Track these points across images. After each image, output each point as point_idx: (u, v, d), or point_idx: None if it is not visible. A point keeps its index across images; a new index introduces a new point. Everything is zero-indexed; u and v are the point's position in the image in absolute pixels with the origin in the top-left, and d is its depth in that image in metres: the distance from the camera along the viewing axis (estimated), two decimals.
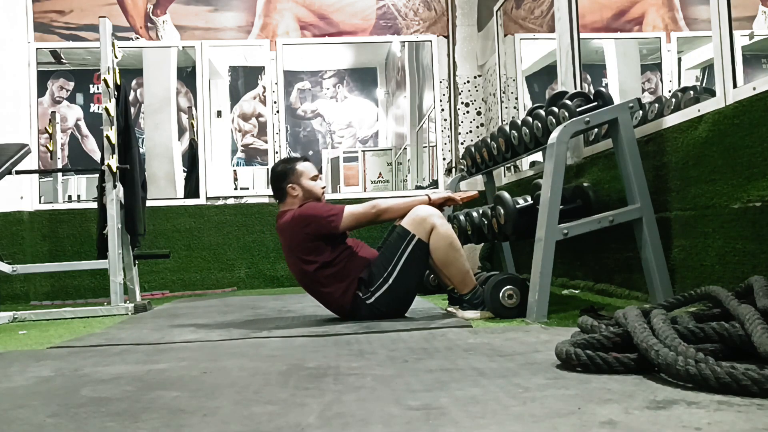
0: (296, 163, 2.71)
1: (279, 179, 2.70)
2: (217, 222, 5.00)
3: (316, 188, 2.70)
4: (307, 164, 2.73)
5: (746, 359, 1.29)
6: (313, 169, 2.74)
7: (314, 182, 2.70)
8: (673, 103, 2.78)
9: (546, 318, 2.39)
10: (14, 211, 4.79)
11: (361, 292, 2.56)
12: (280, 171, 2.72)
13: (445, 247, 2.55)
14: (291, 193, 2.68)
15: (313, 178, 2.70)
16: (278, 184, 2.71)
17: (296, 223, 2.58)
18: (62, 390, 1.50)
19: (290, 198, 2.68)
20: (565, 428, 1.00)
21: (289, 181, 2.68)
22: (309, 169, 2.72)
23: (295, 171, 2.69)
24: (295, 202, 2.67)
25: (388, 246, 2.59)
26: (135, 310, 3.46)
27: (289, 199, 2.69)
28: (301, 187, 2.67)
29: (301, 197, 2.67)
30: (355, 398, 1.27)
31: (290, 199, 2.68)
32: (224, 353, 1.94)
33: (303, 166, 2.71)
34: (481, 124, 5.26)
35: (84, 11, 5.11)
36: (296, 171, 2.69)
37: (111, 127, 3.60)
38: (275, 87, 5.21)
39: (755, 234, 2.00)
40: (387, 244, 2.61)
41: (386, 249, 2.59)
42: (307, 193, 2.68)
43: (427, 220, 2.55)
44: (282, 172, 2.71)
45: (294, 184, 2.67)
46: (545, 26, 4.23)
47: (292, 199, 2.68)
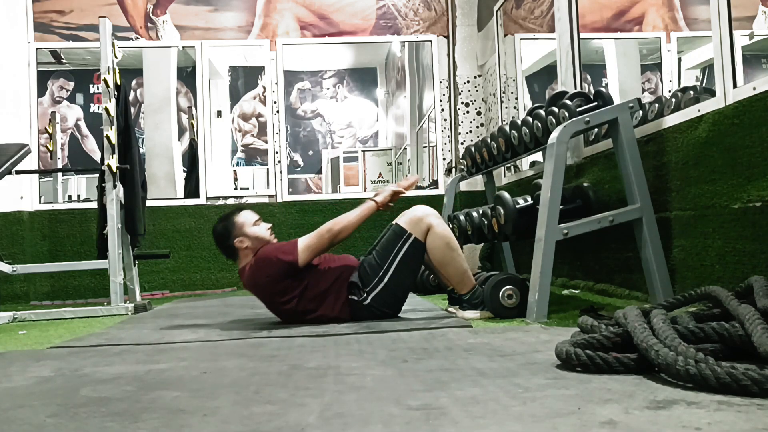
0: (234, 217, 2.65)
1: (223, 238, 2.63)
2: None
3: (262, 232, 2.63)
4: (244, 213, 2.67)
5: (746, 359, 1.29)
6: (252, 215, 2.67)
7: (258, 227, 2.64)
8: (673, 103, 2.78)
9: (546, 318, 2.39)
10: (14, 211, 4.79)
11: (356, 296, 2.54)
12: (221, 230, 2.64)
13: (442, 247, 2.55)
14: (241, 247, 2.60)
15: (255, 224, 2.64)
16: (225, 243, 2.63)
17: (258, 273, 2.53)
18: (62, 390, 1.49)
19: (242, 252, 2.61)
20: (565, 428, 1.00)
21: (234, 236, 2.60)
22: (248, 216, 2.65)
23: (235, 224, 2.62)
24: (248, 253, 2.61)
25: (383, 244, 2.59)
26: (135, 310, 3.46)
27: (242, 253, 2.62)
28: (248, 237, 2.60)
29: (252, 246, 2.60)
30: (355, 398, 1.27)
31: (243, 253, 2.61)
32: (224, 353, 1.94)
33: (241, 216, 2.64)
34: (481, 124, 5.26)
35: (84, 11, 5.11)
36: (236, 224, 2.62)
37: (111, 127, 3.60)
38: (275, 87, 5.21)
39: (755, 234, 2.00)
40: (382, 243, 2.60)
41: (381, 247, 2.58)
42: (255, 241, 2.61)
43: (424, 220, 2.55)
44: (224, 231, 2.63)
45: (240, 237, 2.60)
46: (545, 26, 4.23)
47: (245, 252, 2.61)
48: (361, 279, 2.55)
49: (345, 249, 4.82)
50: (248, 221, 2.64)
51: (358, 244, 4.82)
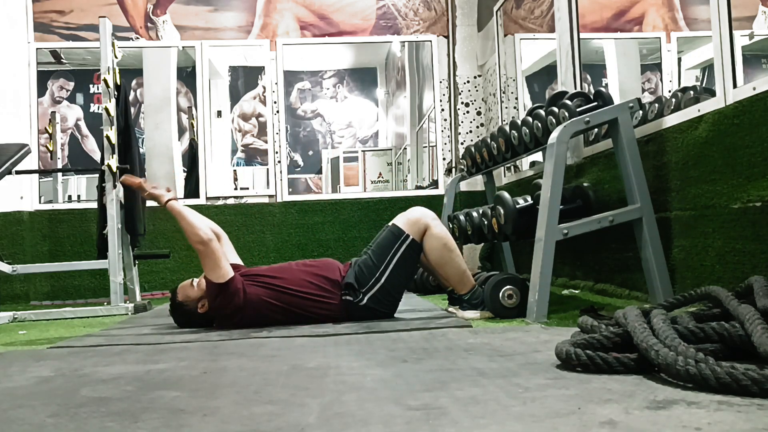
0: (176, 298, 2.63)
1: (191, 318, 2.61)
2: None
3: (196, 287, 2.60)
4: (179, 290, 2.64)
5: (746, 359, 1.29)
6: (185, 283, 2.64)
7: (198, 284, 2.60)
8: (673, 103, 2.78)
9: (546, 318, 2.39)
10: (14, 211, 4.79)
11: (351, 297, 2.53)
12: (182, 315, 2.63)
13: (440, 248, 2.54)
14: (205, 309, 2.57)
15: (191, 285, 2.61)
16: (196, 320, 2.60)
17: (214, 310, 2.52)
18: (62, 390, 1.49)
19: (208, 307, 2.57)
20: (565, 428, 1.00)
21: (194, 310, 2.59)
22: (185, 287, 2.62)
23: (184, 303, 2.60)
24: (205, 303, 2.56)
25: (379, 244, 2.58)
26: (135, 310, 3.46)
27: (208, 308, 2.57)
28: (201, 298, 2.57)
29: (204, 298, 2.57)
30: (355, 398, 1.27)
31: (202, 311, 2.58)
32: (224, 353, 1.94)
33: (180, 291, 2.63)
34: (481, 124, 5.26)
35: (84, 11, 5.11)
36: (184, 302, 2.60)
37: (111, 127, 3.60)
38: (275, 87, 5.21)
39: (755, 234, 2.00)
40: (378, 243, 2.59)
41: (378, 247, 2.58)
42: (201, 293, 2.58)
43: (421, 221, 2.55)
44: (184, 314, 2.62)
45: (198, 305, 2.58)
46: (545, 26, 4.23)
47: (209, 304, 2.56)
48: (357, 280, 2.54)
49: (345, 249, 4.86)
50: (187, 288, 2.61)
51: (357, 244, 4.83)
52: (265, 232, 5.00)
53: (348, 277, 2.55)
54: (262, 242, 4.98)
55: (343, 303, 2.53)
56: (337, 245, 4.97)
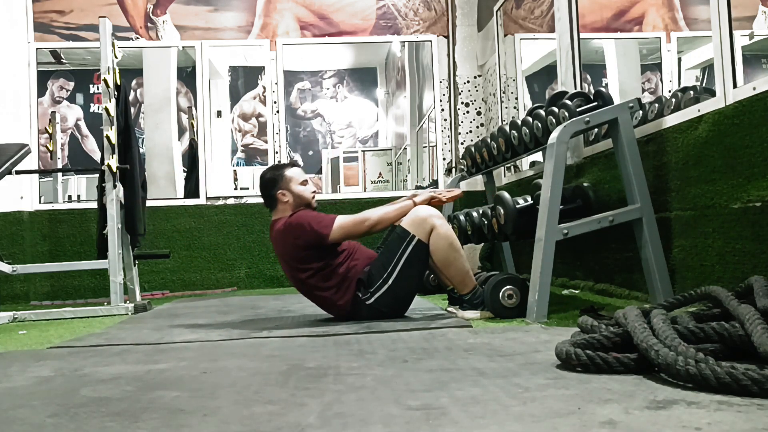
0: (284, 170, 2.70)
1: (268, 187, 2.68)
2: (217, 222, 5.01)
3: (306, 193, 2.67)
4: (295, 170, 2.72)
5: (746, 359, 1.29)
6: (302, 174, 2.72)
7: (304, 187, 2.68)
8: (673, 103, 2.78)
9: (546, 318, 2.39)
10: (14, 211, 4.79)
11: (361, 293, 2.56)
12: (269, 178, 2.69)
13: (445, 248, 2.55)
14: (281, 200, 2.65)
15: (302, 183, 2.68)
16: (268, 192, 2.68)
17: (287, 233, 2.57)
18: (62, 390, 1.49)
19: (281, 205, 2.66)
20: (565, 428, 1.00)
21: (279, 187, 2.65)
22: (298, 174, 2.70)
23: (284, 177, 2.67)
24: (287, 208, 2.65)
25: (387, 246, 2.60)
26: (135, 310, 3.46)
27: (280, 206, 2.67)
28: (292, 193, 2.65)
29: (292, 203, 2.65)
30: (355, 398, 1.27)
31: (281, 206, 2.66)
32: (224, 353, 1.94)
33: (292, 171, 2.69)
34: (481, 124, 5.26)
35: (84, 11, 5.11)
36: (285, 177, 2.67)
37: (111, 127, 3.60)
38: (275, 87, 5.21)
39: (755, 234, 2.00)
40: (387, 245, 2.61)
41: (386, 249, 2.59)
42: (297, 199, 2.65)
43: (427, 221, 2.55)
44: (271, 179, 2.68)
45: (284, 190, 2.65)
46: (545, 26, 4.23)
47: (284, 206, 2.66)
48: (368, 279, 2.57)
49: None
50: (296, 178, 2.68)
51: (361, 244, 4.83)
52: (265, 232, 5.00)
53: (363, 273, 2.57)
54: (262, 242, 4.97)
55: (352, 296, 2.55)
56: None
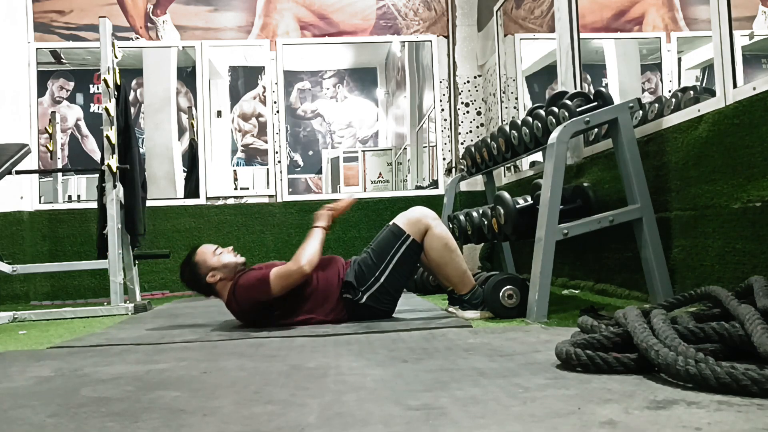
0: (193, 257, 2.59)
1: (195, 281, 2.57)
2: (217, 222, 5.01)
3: (227, 258, 2.57)
4: (200, 249, 2.61)
5: (746, 359, 1.29)
6: (208, 246, 2.62)
7: (220, 256, 2.57)
8: (673, 103, 2.78)
9: (546, 318, 2.39)
10: (14, 211, 4.79)
11: (351, 295, 2.53)
12: (189, 275, 2.59)
13: (440, 248, 2.54)
14: (215, 282, 2.54)
15: (215, 253, 2.58)
16: (199, 285, 2.57)
17: (239, 298, 2.48)
18: (62, 390, 1.49)
19: (219, 285, 2.55)
20: (565, 428, 1.00)
21: (202, 273, 2.55)
22: (206, 250, 2.60)
23: (198, 264, 2.56)
24: (225, 284, 2.54)
25: (380, 244, 2.58)
26: (135, 310, 3.46)
27: (219, 287, 2.55)
28: (215, 269, 2.54)
29: (225, 276, 2.54)
30: (355, 398, 1.27)
31: (220, 286, 2.55)
32: (224, 353, 1.94)
33: (199, 254, 2.59)
34: (481, 124, 5.26)
35: (84, 11, 5.11)
36: (198, 263, 2.56)
37: (111, 127, 3.60)
38: (275, 87, 5.21)
39: (755, 234, 2.00)
40: (379, 242, 2.59)
41: (378, 247, 2.58)
42: (225, 270, 2.55)
43: (422, 221, 2.55)
44: (192, 274, 2.58)
45: (207, 273, 2.54)
46: (545, 26, 4.23)
47: (222, 284, 2.54)
48: (357, 278, 2.54)
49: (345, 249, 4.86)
50: (208, 254, 2.57)
51: (357, 244, 4.83)
52: (265, 232, 5.00)
53: (348, 275, 2.56)
54: (262, 242, 4.98)
55: (343, 301, 2.54)
56: (337, 245, 4.96)
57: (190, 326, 2.67)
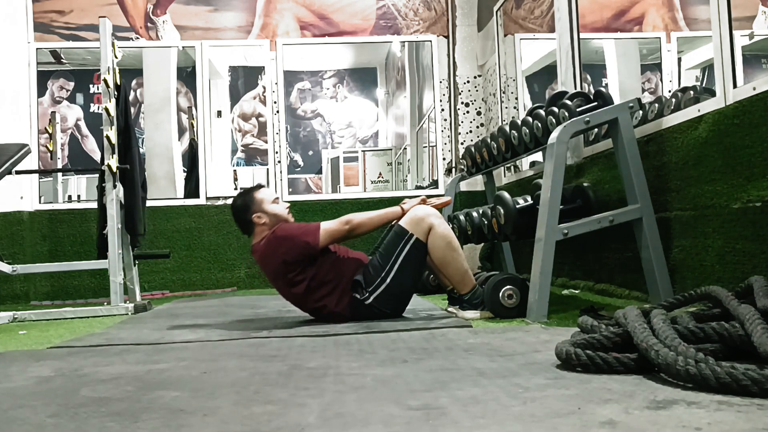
0: (254, 193, 2.67)
1: (242, 212, 2.66)
2: (217, 222, 5.00)
3: (281, 210, 2.66)
4: (264, 190, 2.70)
5: (746, 359, 1.29)
6: (271, 193, 2.71)
7: (277, 205, 2.66)
8: (673, 103, 2.78)
9: (546, 318, 2.39)
10: (14, 211, 4.79)
11: (358, 294, 2.55)
12: (241, 204, 2.67)
13: (443, 247, 2.55)
14: (258, 222, 2.63)
15: (274, 202, 2.66)
16: (243, 218, 2.66)
17: (274, 248, 2.55)
18: (62, 390, 1.49)
19: (258, 227, 2.64)
20: (565, 428, 1.00)
21: (253, 211, 2.63)
22: (268, 194, 2.68)
23: (255, 200, 2.64)
24: (265, 229, 2.62)
25: (385, 245, 2.59)
26: (135, 310, 3.46)
27: (258, 229, 2.64)
28: (267, 214, 2.63)
29: (269, 223, 2.63)
30: (355, 398, 1.27)
31: (259, 228, 2.64)
32: (224, 353, 1.94)
33: (261, 193, 2.67)
34: (481, 124, 5.26)
35: (84, 11, 5.11)
36: (256, 200, 2.64)
37: (111, 127, 3.60)
38: (275, 87, 5.21)
39: (755, 234, 2.00)
40: (385, 244, 2.61)
41: (384, 248, 2.59)
42: (274, 218, 2.63)
43: (425, 220, 2.55)
44: (243, 205, 2.66)
45: (258, 212, 2.62)
46: (545, 26, 4.23)
47: (261, 228, 2.63)
48: (365, 279, 2.56)
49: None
50: (267, 198, 2.67)
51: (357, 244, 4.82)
52: None
53: (357, 274, 2.57)
54: None
55: (349, 298, 2.55)
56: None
57: (190, 326, 2.67)
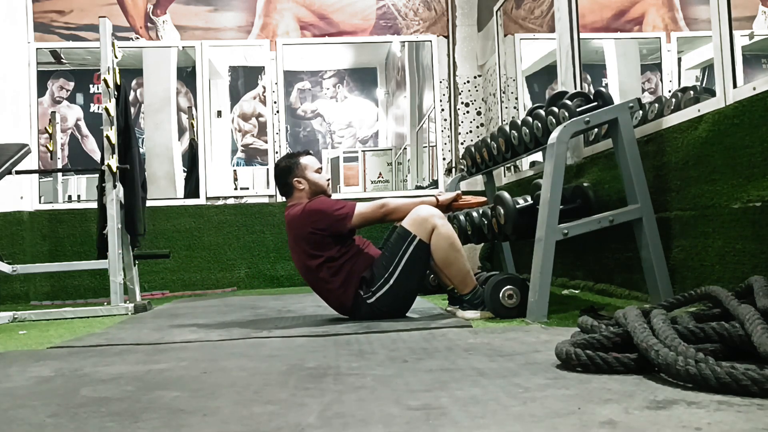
0: (299, 157, 2.75)
1: (284, 174, 2.73)
2: (217, 222, 5.01)
3: (321, 180, 2.72)
4: (309, 158, 2.77)
5: (746, 359, 1.29)
6: (316, 162, 2.77)
7: (319, 175, 2.73)
8: (673, 103, 2.78)
9: (546, 318, 2.39)
10: (14, 211, 4.79)
11: (363, 291, 2.56)
12: (284, 166, 2.74)
13: (446, 248, 2.55)
14: (297, 187, 2.70)
15: (317, 171, 2.73)
16: (284, 180, 2.73)
17: (306, 216, 2.60)
18: (62, 390, 1.49)
19: (297, 192, 2.70)
20: (565, 428, 1.00)
21: (294, 175, 2.70)
22: (312, 162, 2.75)
23: (299, 165, 2.71)
24: (302, 195, 2.69)
25: (389, 246, 2.60)
26: (135, 310, 3.46)
27: (296, 194, 2.71)
28: (307, 181, 2.70)
29: (307, 190, 2.69)
30: (355, 398, 1.27)
31: (297, 194, 2.70)
32: (224, 353, 1.94)
33: (306, 159, 2.74)
34: (481, 124, 5.26)
35: (84, 11, 5.11)
36: (300, 165, 2.71)
37: (111, 127, 3.60)
38: (275, 87, 5.21)
39: (755, 234, 2.00)
40: (388, 245, 2.61)
41: (387, 249, 2.60)
42: (313, 186, 2.70)
43: (428, 221, 2.55)
44: (286, 167, 2.73)
45: (299, 177, 2.69)
46: (545, 26, 4.23)
47: (299, 193, 2.70)
48: (371, 277, 2.57)
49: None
50: (311, 166, 2.73)
51: None
52: (265, 232, 5.00)
53: (366, 271, 2.58)
54: (262, 242, 4.98)
55: (354, 293, 2.55)
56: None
57: (190, 326, 2.67)
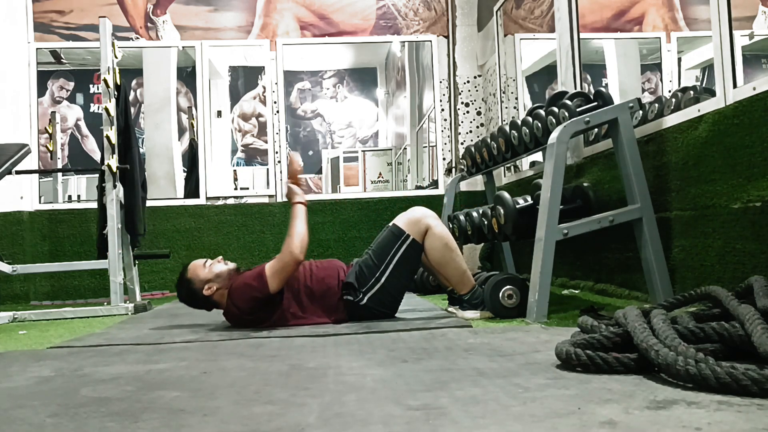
0: (185, 275, 2.57)
1: (194, 298, 2.57)
2: (217, 222, 5.01)
3: (218, 268, 2.56)
4: (190, 266, 2.59)
5: (746, 359, 1.29)
6: (198, 262, 2.60)
7: (210, 267, 2.56)
8: (673, 103, 2.78)
9: (546, 318, 2.39)
10: (14, 211, 4.79)
11: (351, 296, 2.53)
12: (187, 293, 2.57)
13: (441, 248, 2.54)
14: (212, 293, 2.53)
15: (205, 266, 2.56)
16: (198, 301, 2.57)
17: (236, 302, 2.47)
18: (62, 390, 1.49)
19: (217, 296, 2.54)
20: (565, 428, 1.00)
21: (199, 288, 2.53)
22: (196, 265, 2.58)
23: (191, 280, 2.55)
24: (223, 293, 2.53)
25: (380, 244, 2.58)
26: (135, 310, 3.46)
27: (217, 298, 2.54)
28: (210, 281, 2.53)
29: (220, 286, 2.53)
30: (355, 398, 1.27)
31: (218, 296, 2.54)
32: (224, 353, 1.94)
33: (190, 270, 2.57)
34: (481, 124, 5.26)
35: (84, 11, 5.11)
36: (192, 279, 2.54)
37: (111, 127, 3.60)
38: (275, 87, 5.21)
39: (755, 234, 2.00)
40: (379, 243, 2.59)
41: (378, 247, 2.58)
42: (219, 279, 2.53)
43: (422, 221, 2.55)
44: (189, 292, 2.56)
45: (204, 287, 2.52)
46: (545, 26, 4.23)
47: (219, 294, 2.53)
48: (358, 279, 2.54)
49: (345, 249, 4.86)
50: (199, 268, 2.56)
51: (357, 244, 4.83)
52: (265, 232, 5.00)
53: (348, 276, 2.56)
54: (262, 242, 4.98)
55: (343, 303, 2.53)
56: (337, 245, 4.97)
57: (190, 326, 2.67)
